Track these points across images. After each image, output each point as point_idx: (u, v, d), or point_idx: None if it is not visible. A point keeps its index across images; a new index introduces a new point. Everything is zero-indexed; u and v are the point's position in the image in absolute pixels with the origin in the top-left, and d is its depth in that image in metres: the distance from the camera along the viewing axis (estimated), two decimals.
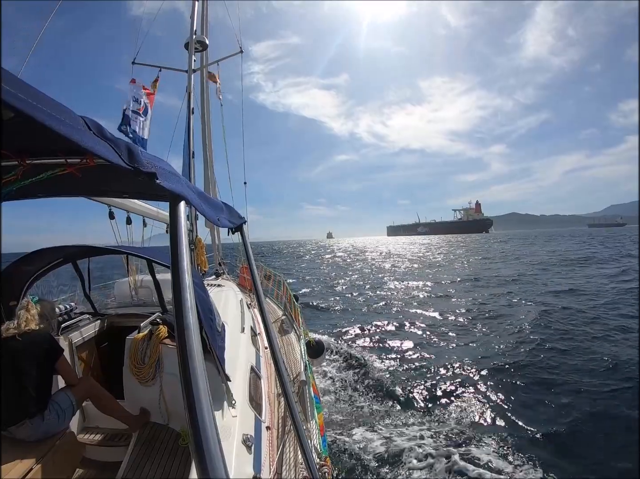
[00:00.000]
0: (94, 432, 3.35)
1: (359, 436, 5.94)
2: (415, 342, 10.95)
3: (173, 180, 1.35)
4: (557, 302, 14.88)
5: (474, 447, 5.53)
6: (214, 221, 2.13)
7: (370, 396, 7.62)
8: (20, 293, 3.36)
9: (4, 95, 0.73)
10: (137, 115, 7.52)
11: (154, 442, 2.94)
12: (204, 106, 9.98)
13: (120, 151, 1.10)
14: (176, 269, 1.17)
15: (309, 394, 3.65)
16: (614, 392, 6.97)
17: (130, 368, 3.15)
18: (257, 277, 2.49)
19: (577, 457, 5.31)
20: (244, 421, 2.50)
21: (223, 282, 6.74)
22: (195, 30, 8.48)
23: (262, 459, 2.38)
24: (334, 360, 9.40)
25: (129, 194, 2.27)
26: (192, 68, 8.21)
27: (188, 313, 1.08)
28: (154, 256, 3.43)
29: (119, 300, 5.60)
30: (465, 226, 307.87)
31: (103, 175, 1.44)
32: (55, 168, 1.23)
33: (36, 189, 1.75)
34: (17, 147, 1.15)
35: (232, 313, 4.08)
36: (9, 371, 2.45)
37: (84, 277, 4.30)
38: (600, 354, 8.77)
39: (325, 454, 2.94)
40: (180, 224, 1.31)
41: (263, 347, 4.57)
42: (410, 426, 6.29)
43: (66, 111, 0.93)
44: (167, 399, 3.09)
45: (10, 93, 0.74)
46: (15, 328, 2.57)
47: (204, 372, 1.01)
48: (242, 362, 3.26)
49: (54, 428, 2.57)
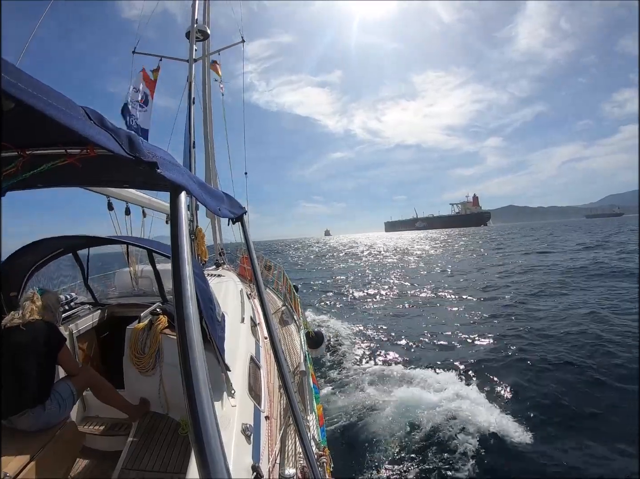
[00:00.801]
0: (94, 422, 3.38)
1: (358, 424, 6.00)
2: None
3: (174, 170, 1.34)
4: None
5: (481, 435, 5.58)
6: (215, 211, 2.12)
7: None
8: (21, 284, 3.36)
9: (4, 85, 0.72)
10: (138, 105, 7.49)
11: (154, 431, 2.96)
12: (205, 96, 9.92)
13: (121, 140, 1.09)
14: (176, 259, 1.17)
15: (308, 384, 3.67)
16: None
17: (130, 357, 3.16)
18: (257, 268, 2.49)
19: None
20: (243, 411, 2.51)
21: (223, 273, 6.76)
22: (197, 19, 8.40)
23: (261, 449, 2.40)
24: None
25: (129, 183, 2.26)
26: (193, 57, 8.15)
27: (188, 303, 1.08)
28: (154, 246, 3.43)
29: (120, 290, 5.61)
30: (464, 219, 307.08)
31: (104, 165, 1.44)
32: (56, 159, 1.22)
33: (36, 180, 1.74)
34: (16, 138, 1.14)
35: (232, 303, 4.09)
36: (12, 361, 2.46)
37: (84, 268, 4.31)
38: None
39: (324, 444, 2.96)
40: (180, 214, 1.31)
41: (263, 338, 4.58)
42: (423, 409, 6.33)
43: (66, 101, 0.92)
44: (167, 389, 3.10)
45: (11, 83, 0.73)
46: (20, 318, 2.58)
47: (203, 362, 1.01)
48: (241, 352, 3.27)
49: (55, 418, 2.58)
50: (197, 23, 8.36)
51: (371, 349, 10.04)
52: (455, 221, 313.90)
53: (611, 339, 9.02)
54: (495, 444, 5.42)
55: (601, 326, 10.14)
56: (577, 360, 8.06)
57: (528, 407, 6.46)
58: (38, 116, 0.82)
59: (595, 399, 6.58)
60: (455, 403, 6.48)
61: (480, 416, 6.01)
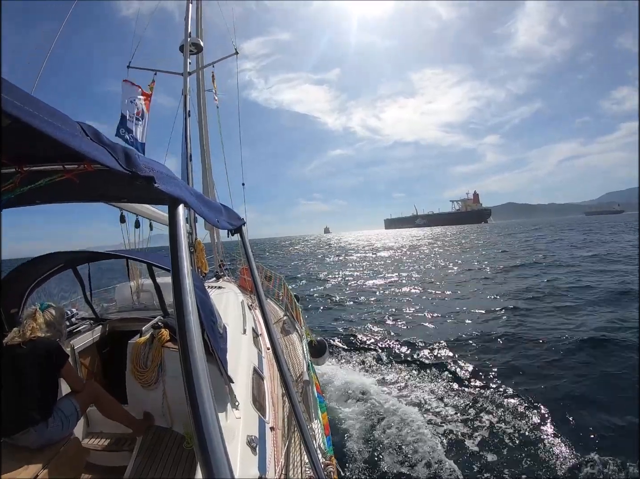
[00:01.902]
0: (98, 437, 3.35)
1: (366, 433, 5.95)
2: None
3: (171, 183, 1.35)
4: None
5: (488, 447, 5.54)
6: (214, 222, 2.13)
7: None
8: (21, 300, 3.35)
9: (2, 103, 0.72)
10: (134, 119, 7.52)
11: (159, 446, 2.94)
12: (200, 109, 9.96)
13: (118, 155, 1.10)
14: (177, 272, 1.17)
15: (312, 393, 3.65)
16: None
17: (132, 372, 3.14)
18: (257, 278, 2.49)
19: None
20: (248, 422, 2.50)
21: (224, 284, 6.74)
22: (190, 33, 8.48)
23: (267, 460, 2.38)
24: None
25: (127, 198, 2.27)
26: (187, 71, 8.22)
27: (189, 316, 1.08)
28: (154, 259, 3.43)
29: (120, 304, 5.59)
30: (464, 216, 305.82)
31: (101, 180, 1.44)
32: (53, 174, 1.23)
33: (34, 196, 1.74)
34: (14, 154, 1.15)
35: (233, 315, 4.08)
36: (13, 379, 2.45)
37: (84, 283, 4.30)
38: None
39: (330, 453, 2.94)
40: (179, 227, 1.31)
41: (265, 348, 4.57)
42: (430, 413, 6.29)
43: (62, 117, 0.93)
44: (171, 402, 3.08)
45: (7, 101, 0.74)
46: (20, 336, 2.57)
47: (206, 374, 1.01)
48: (244, 363, 3.26)
49: (58, 435, 2.56)
50: (191, 37, 8.45)
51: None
52: (456, 218, 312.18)
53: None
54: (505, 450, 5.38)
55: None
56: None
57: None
58: (35, 133, 0.83)
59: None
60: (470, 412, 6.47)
61: (497, 424, 5.99)
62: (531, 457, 5.22)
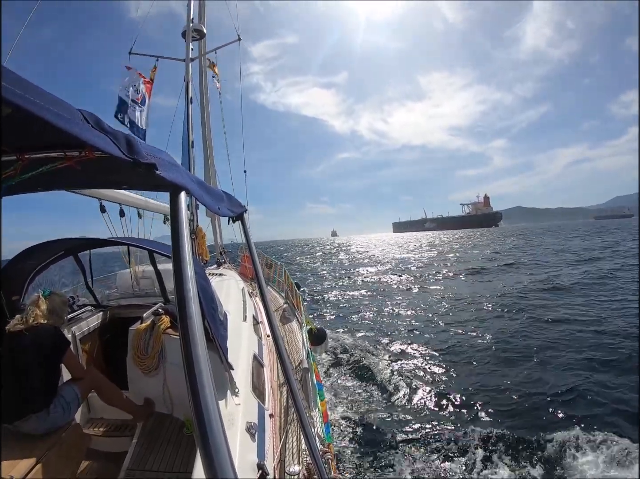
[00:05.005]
0: (99, 423, 3.38)
1: (361, 423, 6.01)
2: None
3: (173, 170, 1.34)
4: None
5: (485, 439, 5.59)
6: (215, 210, 2.12)
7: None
8: (23, 287, 3.35)
9: (2, 91, 0.72)
10: (135, 105, 7.43)
11: (159, 432, 2.97)
12: (203, 95, 9.88)
13: (119, 142, 1.10)
14: (177, 259, 1.17)
15: (311, 381, 3.68)
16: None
17: (133, 358, 3.16)
18: (258, 266, 2.49)
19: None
20: (248, 409, 2.52)
21: (224, 272, 6.76)
22: (193, 19, 8.36)
23: (265, 447, 2.41)
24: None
25: (129, 185, 2.26)
26: (189, 56, 8.12)
27: (190, 303, 1.09)
28: (154, 246, 3.43)
29: (121, 291, 5.60)
30: (475, 220, 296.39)
31: (102, 167, 1.44)
32: (55, 161, 1.22)
33: (36, 183, 1.74)
34: (15, 142, 1.14)
35: (234, 302, 4.09)
36: (15, 366, 2.46)
37: (85, 270, 4.31)
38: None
39: (328, 441, 2.97)
40: (181, 215, 1.31)
41: (265, 336, 4.59)
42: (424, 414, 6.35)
43: (63, 105, 0.93)
44: (171, 388, 3.11)
45: (8, 89, 0.73)
46: (23, 323, 2.58)
47: (207, 361, 1.02)
48: (244, 350, 3.28)
49: (60, 421, 2.58)
50: (193, 22, 8.33)
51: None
52: (466, 221, 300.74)
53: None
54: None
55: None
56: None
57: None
58: (36, 121, 0.82)
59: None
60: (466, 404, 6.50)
61: (488, 418, 6.04)
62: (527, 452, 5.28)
